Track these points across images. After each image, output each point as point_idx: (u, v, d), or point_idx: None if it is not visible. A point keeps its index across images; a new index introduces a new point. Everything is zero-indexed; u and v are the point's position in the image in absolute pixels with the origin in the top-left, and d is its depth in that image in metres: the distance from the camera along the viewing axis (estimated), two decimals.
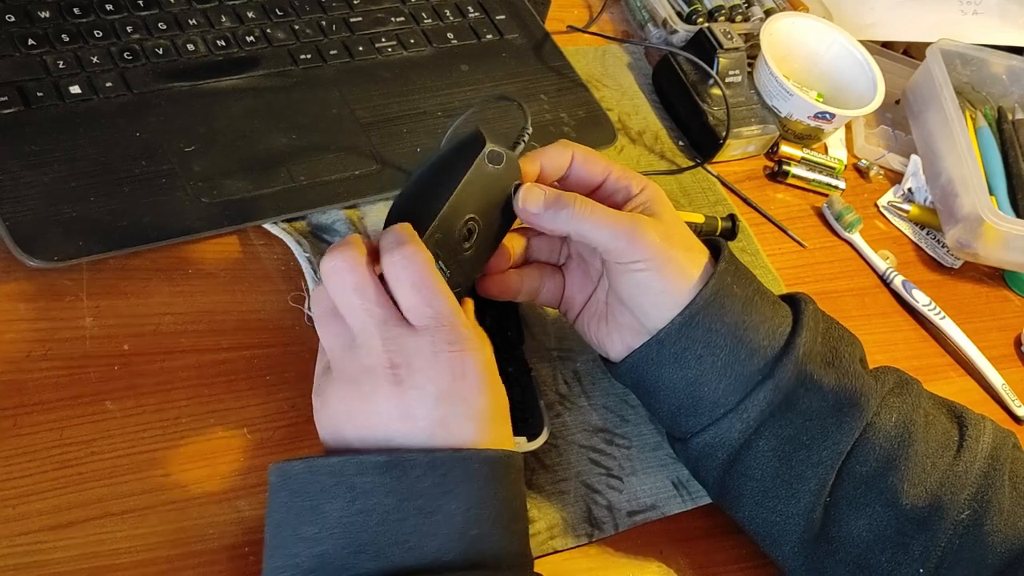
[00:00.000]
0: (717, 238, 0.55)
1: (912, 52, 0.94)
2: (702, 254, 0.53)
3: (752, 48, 0.83)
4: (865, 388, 0.52)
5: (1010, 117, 0.88)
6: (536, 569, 0.52)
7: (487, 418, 0.44)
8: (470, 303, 0.50)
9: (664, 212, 0.53)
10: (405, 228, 0.46)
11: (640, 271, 0.51)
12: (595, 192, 0.54)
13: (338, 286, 0.45)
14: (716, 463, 0.53)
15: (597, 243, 0.51)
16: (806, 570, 0.53)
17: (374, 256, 0.46)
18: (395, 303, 0.45)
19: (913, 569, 0.51)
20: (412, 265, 0.44)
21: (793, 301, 0.55)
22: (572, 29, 0.81)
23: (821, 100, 0.83)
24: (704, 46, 0.78)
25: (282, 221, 0.59)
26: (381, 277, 0.45)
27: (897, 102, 0.91)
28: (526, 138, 0.54)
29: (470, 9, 0.75)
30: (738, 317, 0.51)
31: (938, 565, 0.51)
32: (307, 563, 0.42)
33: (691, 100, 0.77)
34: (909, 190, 0.86)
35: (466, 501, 0.42)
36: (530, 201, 0.51)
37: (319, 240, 0.60)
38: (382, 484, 0.42)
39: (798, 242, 0.78)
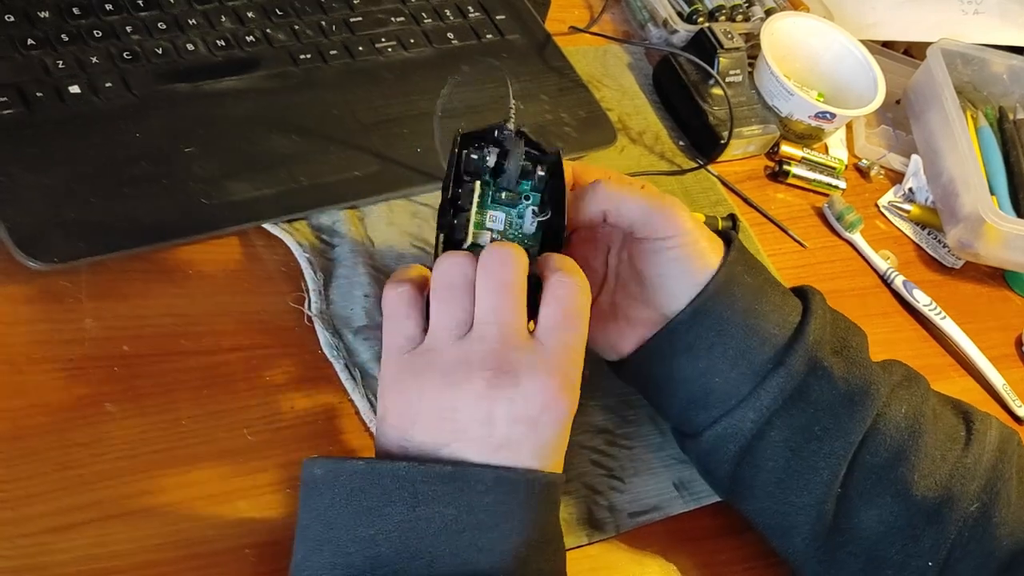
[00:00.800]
0: (728, 231, 0.56)
1: (913, 52, 0.94)
2: (719, 243, 0.53)
3: (753, 48, 0.83)
4: (875, 378, 0.52)
5: (1011, 117, 0.88)
6: None
7: (552, 451, 0.44)
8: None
9: (681, 222, 0.53)
10: (571, 261, 0.47)
11: (671, 248, 0.51)
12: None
13: (495, 272, 0.44)
14: (728, 456, 0.53)
15: (633, 217, 0.51)
16: (817, 562, 0.53)
17: None
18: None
19: (923, 562, 0.51)
20: (571, 295, 0.45)
21: (801, 292, 0.55)
22: (574, 30, 0.81)
23: (822, 100, 0.83)
24: (705, 46, 0.78)
25: (283, 222, 0.59)
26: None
27: (898, 102, 0.91)
28: (513, 113, 0.52)
29: (470, 9, 0.75)
30: (749, 305, 0.52)
31: (947, 558, 0.51)
32: (360, 563, 0.42)
33: (692, 100, 0.77)
34: (910, 190, 0.86)
35: (523, 522, 0.43)
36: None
37: (320, 241, 0.59)
38: (445, 494, 0.42)
39: (799, 242, 0.78)
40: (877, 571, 0.52)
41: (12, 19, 0.60)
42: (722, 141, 0.76)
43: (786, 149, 0.81)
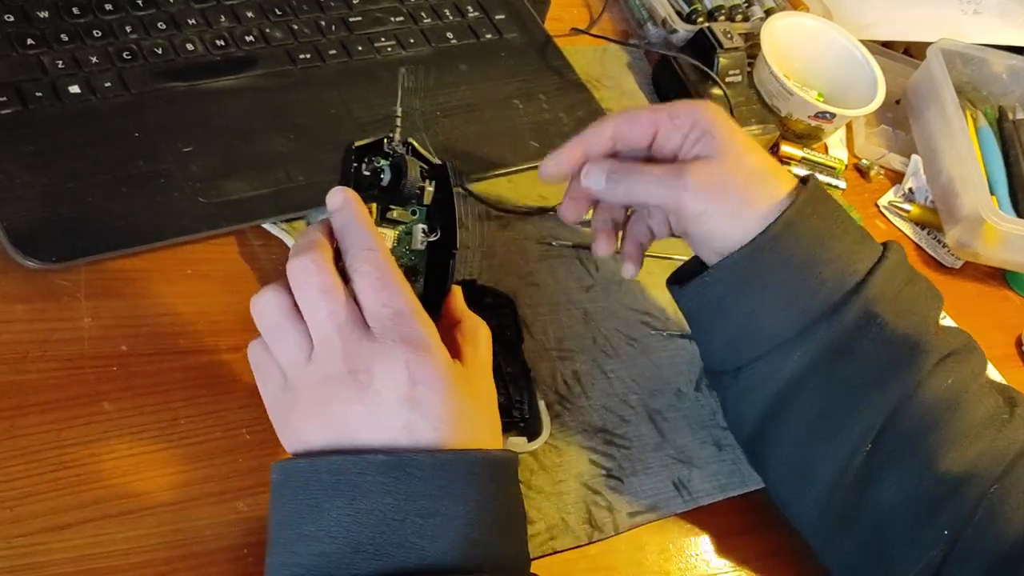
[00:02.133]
0: (810, 173, 0.55)
1: (912, 52, 0.94)
2: (777, 182, 0.52)
3: (752, 48, 0.82)
4: (927, 345, 0.52)
5: (1011, 116, 0.88)
6: (536, 570, 0.52)
7: (455, 420, 0.43)
8: (458, 291, 0.50)
9: (723, 144, 0.52)
10: (370, 230, 0.45)
11: (696, 221, 0.52)
12: (651, 151, 0.55)
13: (305, 287, 0.44)
14: (764, 396, 0.53)
15: (650, 204, 0.54)
16: (826, 525, 0.53)
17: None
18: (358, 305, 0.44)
19: (933, 535, 0.51)
20: (374, 267, 0.44)
21: (886, 245, 0.54)
22: (576, 31, 0.81)
23: (821, 100, 0.83)
24: (704, 46, 0.78)
25: (280, 221, 0.59)
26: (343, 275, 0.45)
27: (898, 102, 0.91)
28: (398, 123, 0.51)
29: (469, 9, 0.75)
30: (811, 251, 0.51)
31: (958, 534, 0.50)
32: (307, 561, 0.42)
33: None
34: (910, 190, 0.86)
35: (467, 503, 0.42)
36: (590, 178, 0.54)
37: None
38: (383, 484, 0.42)
39: None
40: (885, 540, 0.51)
41: (11, 18, 0.60)
42: None
43: (786, 149, 0.81)
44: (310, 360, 0.44)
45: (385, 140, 0.50)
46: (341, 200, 0.47)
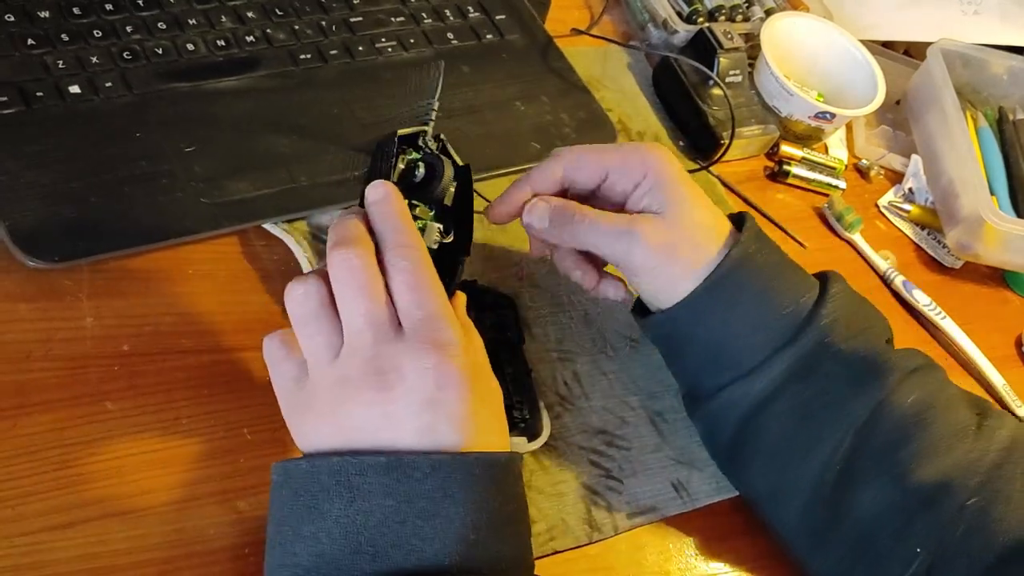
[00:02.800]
0: (743, 212, 0.56)
1: (913, 52, 0.94)
2: (719, 233, 0.53)
3: (752, 48, 0.83)
4: (887, 363, 0.53)
5: (1011, 117, 0.88)
6: (536, 570, 0.52)
7: (472, 424, 0.44)
8: (462, 297, 0.50)
9: (673, 199, 0.53)
10: (410, 227, 0.46)
11: (645, 275, 0.53)
12: (598, 191, 0.55)
13: (346, 282, 0.44)
14: (733, 419, 0.54)
15: (596, 252, 0.54)
16: (807, 537, 0.54)
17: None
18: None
19: (912, 547, 0.51)
20: (413, 265, 0.44)
21: (823, 276, 0.56)
22: (576, 32, 0.81)
23: (821, 100, 0.83)
24: (704, 46, 0.78)
25: (282, 222, 0.59)
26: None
27: (898, 102, 0.91)
28: (432, 116, 0.51)
29: (470, 10, 0.75)
30: (764, 283, 0.53)
31: (938, 547, 0.51)
32: (306, 562, 0.42)
33: (691, 101, 0.77)
34: (910, 190, 0.86)
35: (466, 505, 0.42)
36: (533, 216, 0.54)
37: (319, 241, 0.60)
38: (382, 485, 0.42)
39: (799, 242, 0.78)
40: (866, 553, 0.52)
41: (12, 18, 0.60)
42: (722, 142, 0.76)
43: (786, 149, 0.81)
44: (337, 356, 0.44)
45: (420, 135, 0.50)
46: (383, 193, 0.47)
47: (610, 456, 0.59)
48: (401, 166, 0.49)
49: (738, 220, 0.55)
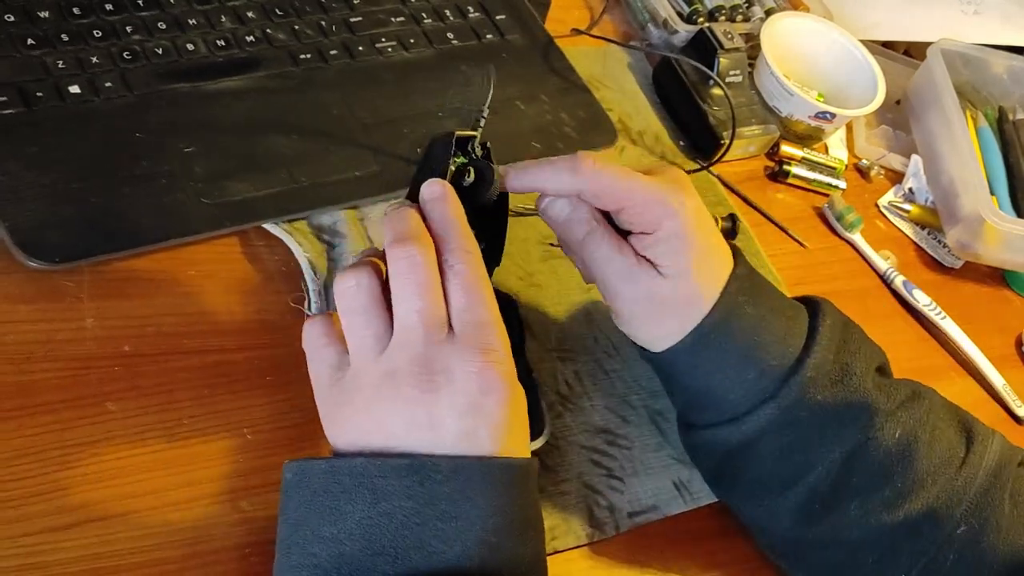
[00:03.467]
0: (736, 250, 0.54)
1: (913, 52, 0.94)
2: (713, 287, 0.51)
3: (753, 48, 0.83)
4: (870, 406, 0.52)
5: (1011, 117, 0.89)
6: None
7: (508, 431, 0.44)
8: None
9: (677, 263, 0.51)
10: (467, 231, 0.45)
11: (624, 320, 0.53)
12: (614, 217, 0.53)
13: (408, 279, 0.43)
14: (716, 453, 0.54)
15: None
16: (794, 559, 0.55)
17: None
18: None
19: (898, 572, 0.52)
20: (470, 269, 0.44)
21: (812, 311, 0.54)
22: (576, 32, 0.81)
23: (822, 100, 0.83)
24: (705, 46, 0.78)
25: (283, 222, 0.59)
26: None
27: (898, 102, 0.91)
28: (483, 123, 0.51)
29: (471, 10, 0.75)
30: (748, 339, 0.51)
31: (928, 574, 0.51)
32: (326, 563, 0.42)
33: (692, 101, 0.77)
34: (910, 190, 0.86)
35: (487, 508, 0.42)
36: (553, 212, 0.52)
37: (320, 241, 0.60)
38: (404, 488, 0.42)
39: (799, 242, 0.78)
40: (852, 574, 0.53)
41: (12, 18, 0.60)
42: (722, 142, 0.76)
43: (786, 149, 0.81)
44: (383, 352, 0.43)
45: (471, 140, 0.50)
46: (440, 192, 0.46)
47: (611, 455, 0.59)
48: (451, 168, 0.48)
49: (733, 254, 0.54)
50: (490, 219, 0.50)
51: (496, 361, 0.43)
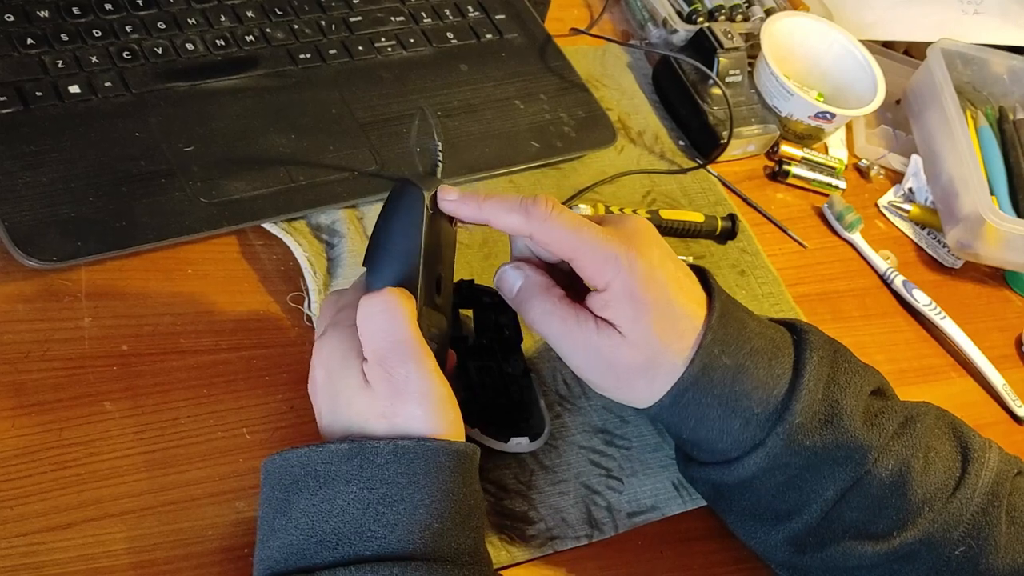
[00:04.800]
0: (708, 284, 0.52)
1: (913, 52, 0.94)
2: (681, 338, 0.49)
3: (752, 48, 0.82)
4: (862, 445, 0.51)
5: (1011, 117, 0.88)
6: (536, 570, 0.52)
7: (440, 411, 0.45)
8: (454, 356, 0.52)
9: (634, 317, 0.48)
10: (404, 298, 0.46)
11: (589, 382, 0.52)
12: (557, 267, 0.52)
13: (377, 329, 0.45)
14: (706, 489, 0.55)
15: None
16: (791, 573, 0.55)
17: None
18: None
19: None
20: (365, 320, 0.45)
21: (798, 342, 0.52)
22: (575, 32, 0.81)
23: (821, 100, 0.83)
24: (704, 46, 0.78)
25: (281, 221, 0.59)
26: None
27: (898, 102, 0.91)
28: (440, 157, 0.52)
29: (470, 9, 0.75)
30: (727, 390, 0.50)
31: None
32: (277, 554, 0.42)
33: (691, 100, 0.77)
34: (910, 190, 0.86)
35: (431, 493, 0.42)
36: (503, 285, 0.52)
37: (318, 240, 0.59)
38: (345, 472, 0.42)
39: (799, 242, 0.78)
40: None
41: (11, 18, 0.60)
42: (722, 141, 0.76)
43: (786, 149, 0.81)
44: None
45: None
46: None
47: (610, 455, 0.59)
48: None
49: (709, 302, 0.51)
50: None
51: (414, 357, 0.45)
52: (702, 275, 0.53)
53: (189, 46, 0.63)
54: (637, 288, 0.48)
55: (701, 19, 0.82)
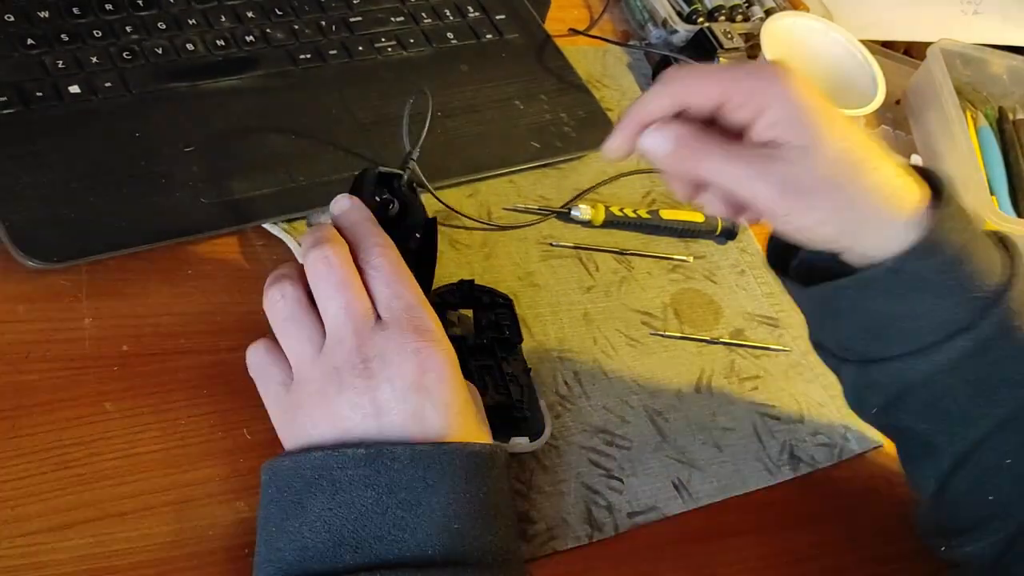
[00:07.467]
0: (939, 175, 0.49)
1: (912, 52, 0.94)
2: (861, 147, 0.46)
3: (752, 48, 0.82)
4: None
5: (1011, 117, 0.88)
6: (536, 570, 0.52)
7: (456, 411, 0.44)
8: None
9: (805, 119, 0.45)
10: (378, 229, 0.48)
11: (799, 230, 0.47)
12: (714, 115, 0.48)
13: (325, 279, 0.45)
14: (890, 391, 0.50)
15: (727, 189, 0.47)
16: (948, 488, 0.51)
17: None
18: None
19: None
20: (387, 261, 0.46)
21: (1004, 245, 0.50)
22: (574, 32, 0.81)
23: None
24: (704, 46, 0.78)
25: (282, 221, 0.59)
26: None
27: (897, 102, 0.91)
28: (412, 164, 0.55)
29: (470, 9, 0.75)
30: (954, 267, 0.46)
31: None
32: (291, 558, 0.42)
33: None
34: None
35: (448, 496, 0.42)
36: (654, 140, 0.47)
37: None
38: (363, 477, 0.42)
39: None
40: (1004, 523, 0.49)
41: (12, 18, 0.60)
42: None
43: None
44: (320, 353, 0.45)
45: (396, 177, 0.54)
46: (348, 203, 0.50)
47: (610, 455, 0.59)
48: (377, 200, 0.53)
49: (933, 181, 0.48)
50: (418, 256, 0.53)
51: (433, 340, 0.44)
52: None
53: (189, 46, 0.63)
54: (794, 95, 0.46)
55: (701, 19, 0.82)
